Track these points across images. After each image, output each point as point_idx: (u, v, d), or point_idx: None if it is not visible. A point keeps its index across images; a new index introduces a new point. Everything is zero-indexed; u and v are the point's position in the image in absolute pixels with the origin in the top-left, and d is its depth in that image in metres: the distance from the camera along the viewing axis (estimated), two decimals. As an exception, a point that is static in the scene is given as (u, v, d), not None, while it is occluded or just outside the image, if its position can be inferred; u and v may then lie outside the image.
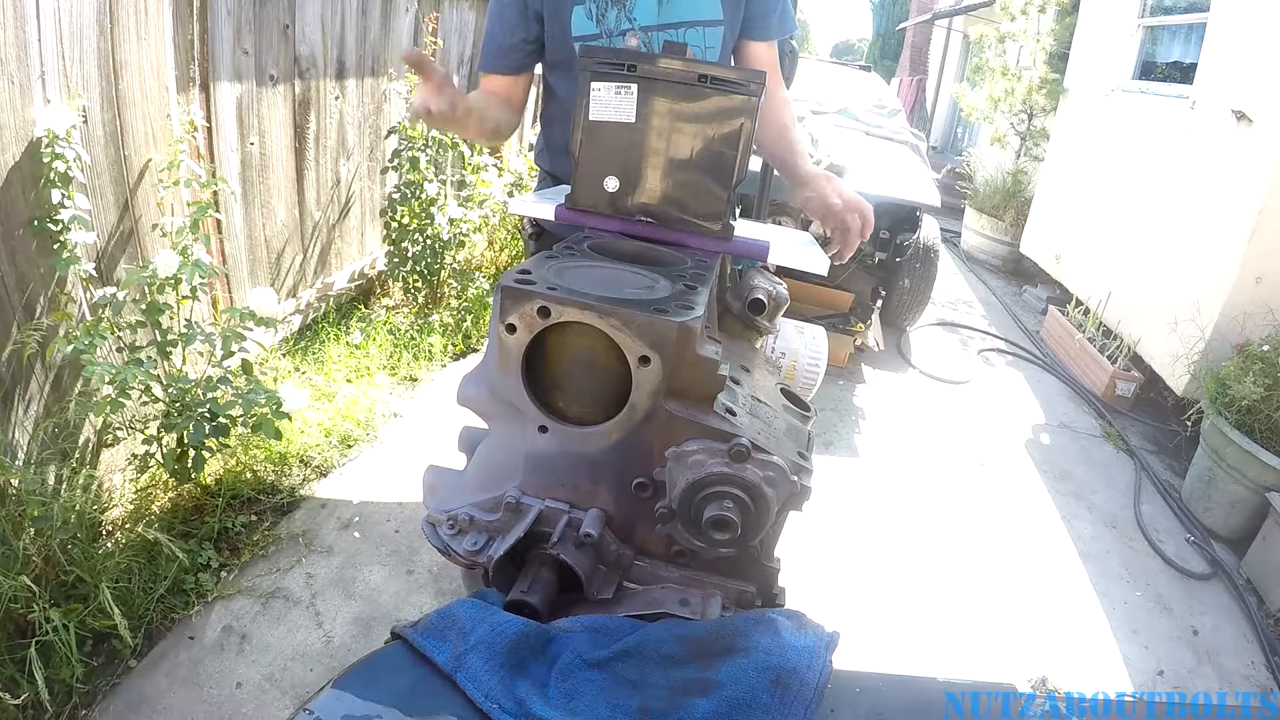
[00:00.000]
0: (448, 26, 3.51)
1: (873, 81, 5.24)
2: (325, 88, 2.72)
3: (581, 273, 0.74)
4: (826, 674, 0.58)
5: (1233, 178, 3.24)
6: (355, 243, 3.19)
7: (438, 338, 3.09)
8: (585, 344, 0.66)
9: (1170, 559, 2.57)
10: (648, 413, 0.67)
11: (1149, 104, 4.25)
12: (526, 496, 0.71)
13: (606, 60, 0.85)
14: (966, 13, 10.27)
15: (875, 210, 1.09)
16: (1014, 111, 6.40)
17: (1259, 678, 2.11)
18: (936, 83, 13.03)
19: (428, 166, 3.02)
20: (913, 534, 2.51)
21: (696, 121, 0.84)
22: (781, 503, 0.67)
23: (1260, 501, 2.54)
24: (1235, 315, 3.08)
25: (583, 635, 0.62)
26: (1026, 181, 6.22)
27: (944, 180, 6.53)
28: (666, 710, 0.54)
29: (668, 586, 0.73)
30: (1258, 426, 2.60)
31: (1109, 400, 3.74)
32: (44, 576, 1.50)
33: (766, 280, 0.94)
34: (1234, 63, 3.44)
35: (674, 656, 0.59)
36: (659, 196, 0.88)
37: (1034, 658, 2.04)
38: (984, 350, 4.38)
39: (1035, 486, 2.96)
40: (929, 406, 3.57)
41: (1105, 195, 4.49)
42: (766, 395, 0.81)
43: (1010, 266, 6.19)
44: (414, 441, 2.52)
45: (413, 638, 0.58)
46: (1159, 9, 4.48)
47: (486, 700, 0.54)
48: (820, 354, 1.06)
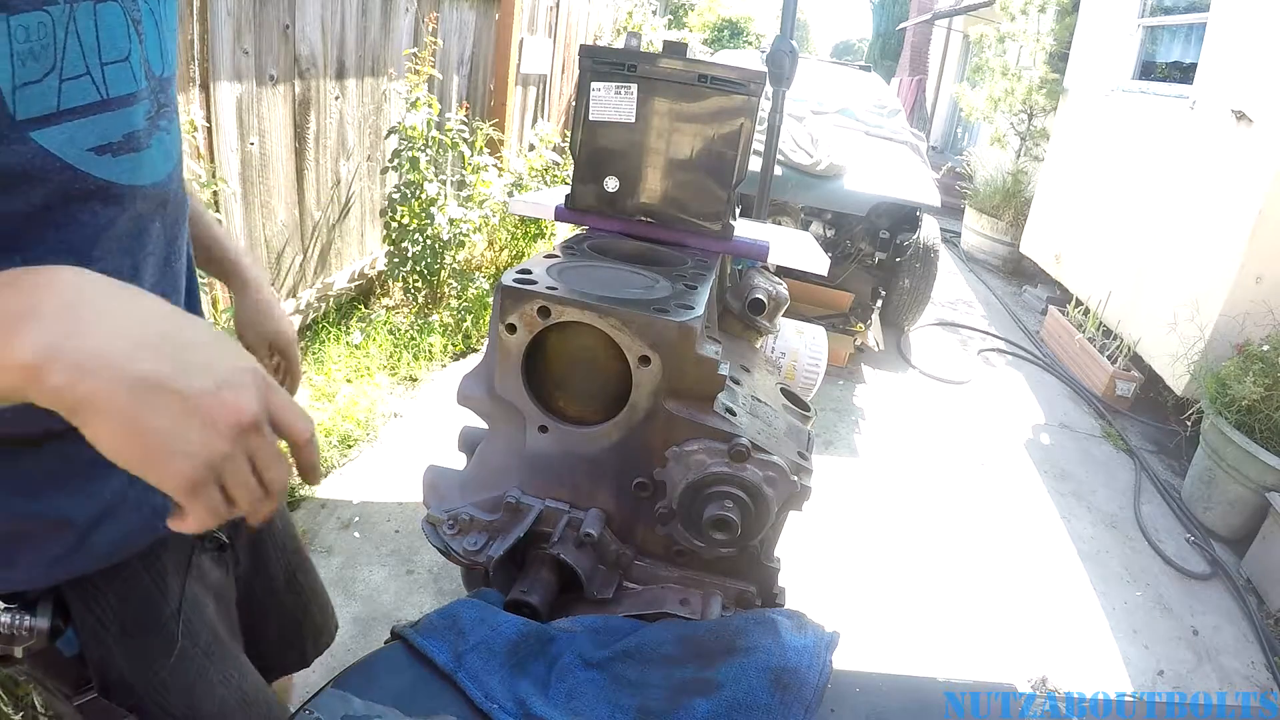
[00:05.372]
0: (448, 26, 3.51)
1: (873, 81, 5.24)
2: (325, 88, 2.72)
3: (581, 273, 0.74)
4: (826, 674, 0.58)
5: (1232, 178, 3.24)
6: (355, 243, 3.19)
7: (438, 338, 3.09)
8: (585, 344, 0.66)
9: (1170, 559, 2.57)
10: (648, 413, 0.67)
11: (1149, 104, 4.25)
12: (526, 496, 0.71)
13: (607, 60, 0.85)
14: (966, 13, 10.28)
15: (875, 210, 1.09)
16: (1014, 111, 6.40)
17: (1259, 678, 2.11)
18: (936, 83, 13.04)
19: (428, 166, 3.02)
20: (912, 534, 2.51)
21: (696, 121, 0.84)
22: (781, 503, 0.67)
23: (1260, 501, 2.54)
24: (1235, 315, 3.08)
25: (583, 635, 0.62)
26: (1026, 181, 6.22)
27: (944, 180, 6.54)
28: (666, 710, 0.54)
29: (668, 586, 0.73)
30: (1258, 426, 2.60)
31: (1109, 400, 3.74)
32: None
33: (766, 280, 0.94)
34: (1234, 63, 3.45)
35: (674, 656, 0.59)
36: (659, 196, 0.88)
37: (1034, 658, 2.04)
38: (984, 350, 4.38)
39: (1035, 486, 2.96)
40: (929, 406, 3.57)
41: (1105, 195, 4.49)
42: (766, 395, 0.81)
43: (1010, 266, 6.19)
44: (414, 441, 2.52)
45: (413, 638, 0.58)
46: (1159, 9, 4.48)
47: (486, 700, 0.54)
48: (820, 354, 1.06)
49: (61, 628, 0.62)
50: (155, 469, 0.39)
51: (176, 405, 0.39)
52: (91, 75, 0.51)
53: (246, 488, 0.42)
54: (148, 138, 0.58)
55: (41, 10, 0.46)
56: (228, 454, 0.41)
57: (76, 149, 0.51)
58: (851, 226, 3.71)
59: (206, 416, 0.40)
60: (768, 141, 2.03)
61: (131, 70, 0.55)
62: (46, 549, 0.59)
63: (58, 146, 0.49)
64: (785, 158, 3.31)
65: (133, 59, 0.55)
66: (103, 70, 0.52)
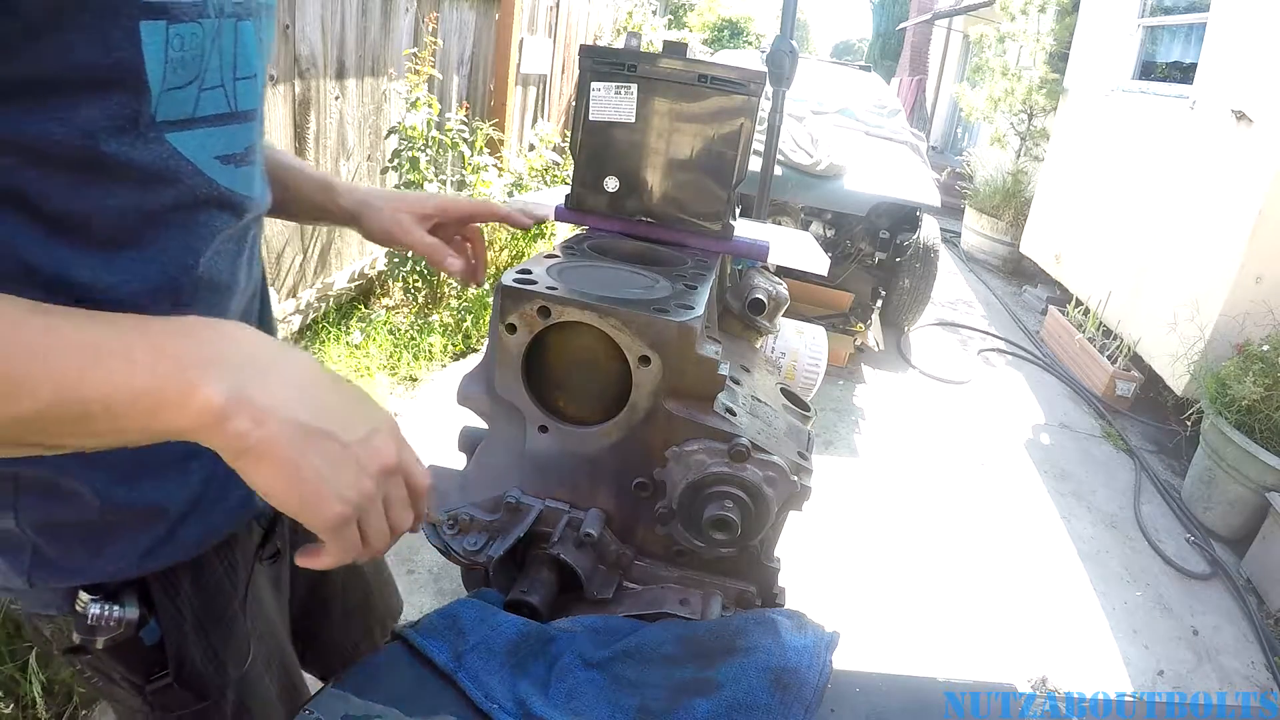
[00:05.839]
0: (448, 26, 3.51)
1: (873, 81, 5.24)
2: (325, 88, 2.72)
3: (581, 272, 0.74)
4: (826, 674, 0.58)
5: (1232, 178, 3.24)
6: (355, 243, 3.18)
7: (438, 338, 3.09)
8: (585, 344, 0.66)
9: (1170, 559, 2.57)
10: (648, 413, 0.67)
11: (1149, 104, 4.25)
12: (526, 496, 0.71)
13: (607, 60, 0.85)
14: (966, 13, 10.28)
15: (875, 210, 1.08)
16: (1014, 111, 6.40)
17: (1259, 678, 2.11)
18: (936, 83, 13.04)
19: (428, 166, 3.02)
20: (913, 534, 2.51)
21: (696, 121, 0.84)
22: (781, 503, 0.67)
23: (1260, 501, 2.54)
24: (1235, 315, 3.08)
25: (583, 635, 0.62)
26: (1026, 181, 6.22)
27: (944, 180, 6.54)
28: (666, 710, 0.54)
29: (668, 586, 0.73)
30: (1258, 426, 2.60)
31: (1109, 400, 3.74)
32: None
33: (766, 280, 0.94)
34: (1234, 63, 3.45)
35: (674, 656, 0.59)
36: (659, 196, 0.88)
37: (1034, 658, 2.04)
38: (984, 350, 4.38)
39: (1035, 486, 2.96)
40: (929, 406, 3.57)
41: (1105, 195, 4.49)
42: (766, 395, 0.81)
43: (1010, 266, 6.19)
44: (414, 441, 2.51)
45: (413, 638, 0.58)
46: (1159, 9, 4.48)
47: (486, 700, 0.54)
48: (820, 354, 1.06)
49: (147, 617, 0.64)
50: (312, 508, 0.43)
51: (336, 451, 0.43)
52: (225, 88, 0.54)
53: (380, 528, 0.47)
54: (257, 153, 0.61)
55: (196, 22, 0.49)
56: (373, 495, 0.45)
57: (206, 155, 0.53)
58: (851, 226, 3.71)
59: (359, 461, 0.44)
60: (768, 141, 2.03)
61: (256, 87, 0.59)
62: (139, 540, 0.61)
63: (189, 150, 0.52)
64: (785, 158, 3.31)
65: (258, 78, 0.59)
66: (235, 84, 0.55)
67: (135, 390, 0.39)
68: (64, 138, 0.44)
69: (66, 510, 0.57)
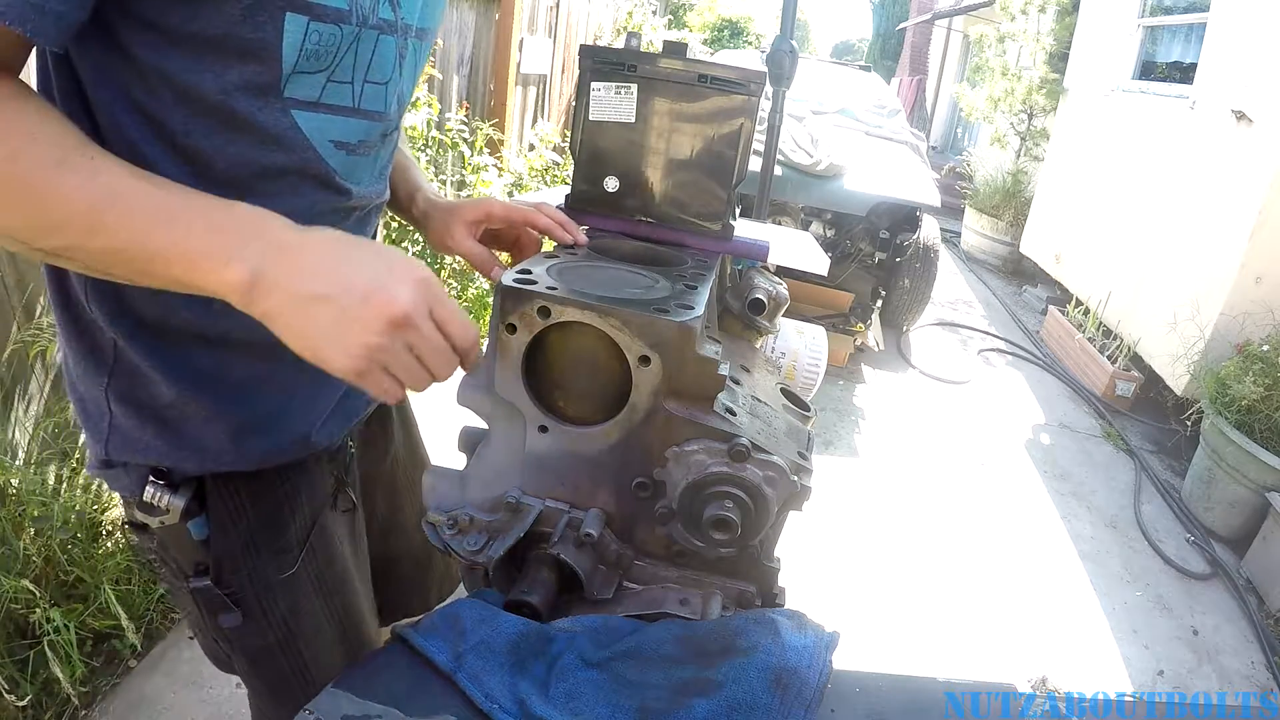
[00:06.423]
0: (447, 26, 3.51)
1: (873, 81, 5.24)
2: (325, 88, 2.72)
3: (581, 272, 0.74)
4: (826, 674, 0.58)
5: (1232, 178, 3.24)
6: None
7: (438, 338, 3.09)
8: (585, 344, 0.66)
9: (1170, 559, 2.57)
10: (648, 413, 0.67)
11: (1149, 104, 4.25)
12: (526, 496, 0.71)
13: (607, 60, 0.85)
14: (966, 13, 10.28)
15: (875, 210, 1.08)
16: (1014, 111, 6.40)
17: (1259, 678, 2.11)
18: (936, 83, 13.04)
19: (427, 166, 3.02)
20: (913, 534, 2.51)
21: (696, 121, 0.84)
22: (781, 503, 0.67)
23: (1260, 501, 2.54)
24: (1235, 315, 3.08)
25: (583, 635, 0.62)
26: (1026, 181, 6.22)
27: (944, 180, 6.54)
28: (666, 710, 0.54)
29: (668, 586, 0.73)
30: (1258, 426, 2.60)
31: (1109, 400, 3.74)
32: (44, 576, 1.50)
33: (766, 280, 0.94)
34: (1234, 63, 3.44)
35: (674, 656, 0.59)
36: (659, 196, 0.88)
37: (1034, 658, 2.04)
38: (984, 350, 4.38)
39: (1035, 486, 2.96)
40: (929, 406, 3.57)
41: (1105, 195, 4.49)
42: (766, 395, 0.81)
43: (1010, 266, 6.19)
44: (414, 441, 2.52)
45: (413, 638, 0.59)
46: (1159, 9, 4.48)
47: (486, 700, 0.54)
48: (820, 354, 1.06)
49: (196, 510, 0.70)
50: (324, 361, 0.52)
51: (335, 313, 0.50)
52: (353, 86, 0.63)
53: (409, 371, 0.54)
54: (373, 150, 0.69)
55: (336, 25, 0.57)
56: (383, 346, 0.51)
57: (322, 136, 0.62)
58: (851, 226, 3.71)
59: (359, 319, 0.50)
60: (768, 141, 2.03)
61: (385, 94, 0.67)
62: (204, 439, 0.68)
63: (309, 129, 0.61)
64: (785, 158, 3.31)
65: (389, 86, 0.67)
66: (363, 85, 0.64)
67: (186, 252, 0.50)
68: (210, 88, 0.55)
69: (144, 392, 0.65)
